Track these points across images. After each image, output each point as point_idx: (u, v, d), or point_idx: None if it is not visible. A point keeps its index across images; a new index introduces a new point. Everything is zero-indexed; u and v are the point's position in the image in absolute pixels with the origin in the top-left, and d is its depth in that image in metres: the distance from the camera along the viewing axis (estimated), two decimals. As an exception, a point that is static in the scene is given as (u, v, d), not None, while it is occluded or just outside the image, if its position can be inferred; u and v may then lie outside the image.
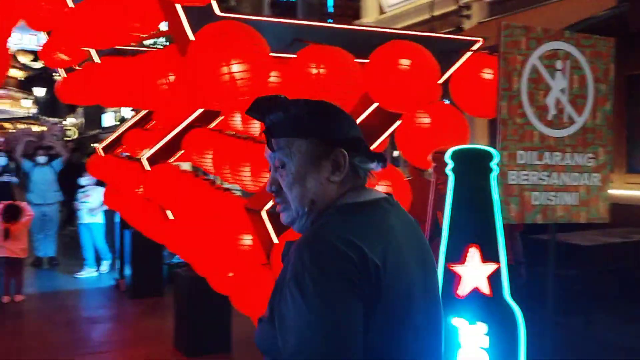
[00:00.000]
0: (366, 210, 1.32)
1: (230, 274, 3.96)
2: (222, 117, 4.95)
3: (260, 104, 1.36)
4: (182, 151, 5.00)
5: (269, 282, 3.57)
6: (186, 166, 5.39)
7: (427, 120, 3.05)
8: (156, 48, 6.62)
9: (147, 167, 5.02)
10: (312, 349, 1.15)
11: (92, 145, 22.12)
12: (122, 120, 23.13)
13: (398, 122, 3.20)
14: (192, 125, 4.91)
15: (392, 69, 2.87)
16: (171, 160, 5.11)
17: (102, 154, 6.79)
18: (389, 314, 1.23)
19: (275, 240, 3.07)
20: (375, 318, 1.21)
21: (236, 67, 2.37)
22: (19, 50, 32.10)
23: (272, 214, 3.05)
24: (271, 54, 2.56)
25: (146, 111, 6.39)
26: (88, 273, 8.55)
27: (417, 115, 3.07)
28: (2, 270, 7.33)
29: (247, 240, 3.36)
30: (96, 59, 4.81)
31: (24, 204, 7.50)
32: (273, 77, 2.76)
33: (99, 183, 8.21)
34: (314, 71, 2.55)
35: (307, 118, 1.34)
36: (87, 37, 3.19)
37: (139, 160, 5.16)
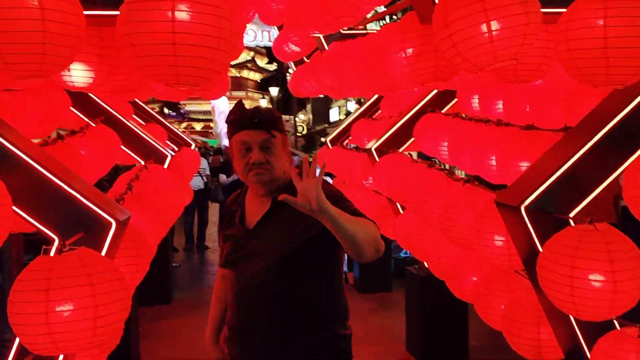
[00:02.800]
0: None
1: (474, 279, 3.45)
2: (456, 100, 4.46)
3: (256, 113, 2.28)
4: (412, 139, 4.62)
5: (522, 291, 2.99)
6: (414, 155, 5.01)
7: None
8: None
9: (376, 157, 4.77)
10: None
11: (320, 138, 23.24)
12: (348, 114, 23.84)
13: None
14: (424, 111, 4.49)
15: None
16: (401, 149, 4.77)
17: (330, 146, 6.74)
18: None
19: (537, 243, 2.47)
20: None
21: (496, 25, 1.87)
22: (257, 54, 35.21)
23: (533, 210, 2.46)
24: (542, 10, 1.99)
25: (372, 101, 6.17)
26: None
27: None
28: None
29: (498, 241, 2.82)
30: (325, 46, 4.65)
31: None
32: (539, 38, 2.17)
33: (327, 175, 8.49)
34: (600, 22, 1.92)
35: (280, 121, 2.26)
36: (317, 18, 2.93)
37: (366, 150, 4.93)
